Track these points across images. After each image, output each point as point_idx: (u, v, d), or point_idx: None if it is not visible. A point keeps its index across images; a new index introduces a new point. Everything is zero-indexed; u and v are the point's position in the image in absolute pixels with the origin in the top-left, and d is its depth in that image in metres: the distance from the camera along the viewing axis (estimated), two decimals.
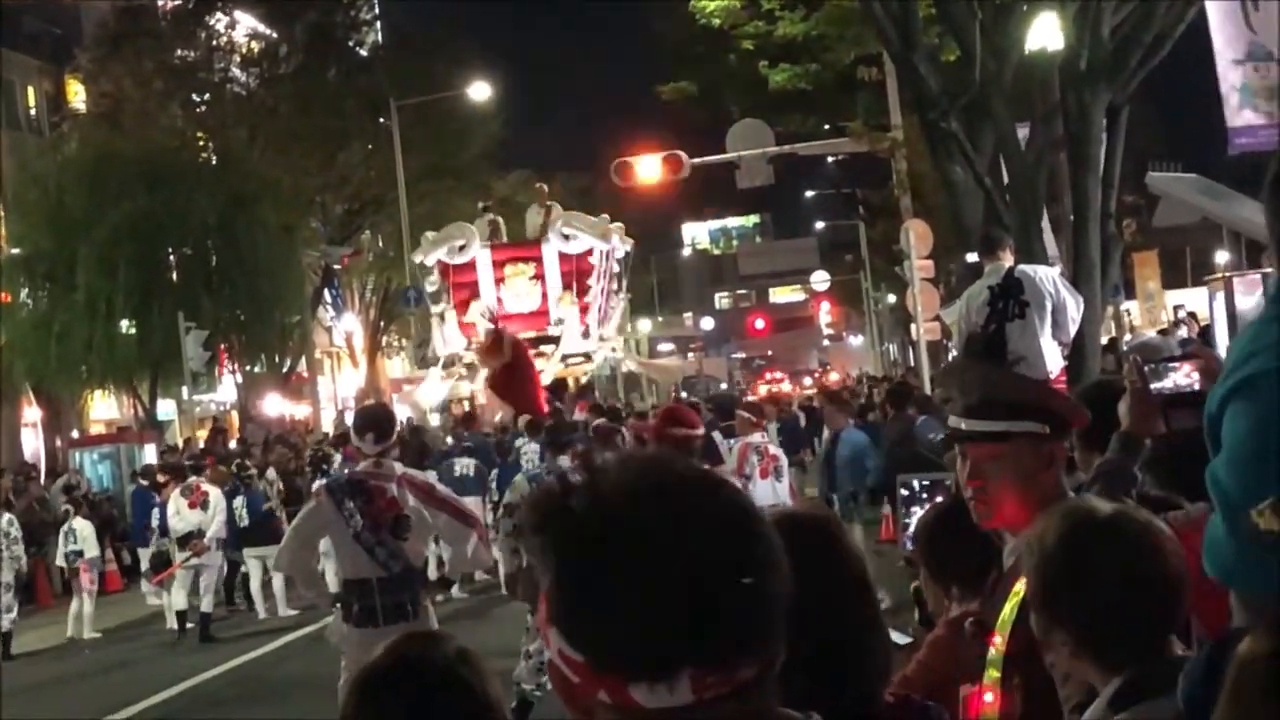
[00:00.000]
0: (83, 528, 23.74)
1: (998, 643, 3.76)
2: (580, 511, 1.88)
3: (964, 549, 5.37)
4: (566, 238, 33.26)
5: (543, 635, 1.95)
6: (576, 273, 33.56)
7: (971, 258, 17.79)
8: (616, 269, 34.76)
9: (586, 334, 33.75)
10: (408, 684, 2.90)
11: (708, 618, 1.82)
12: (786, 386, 67.66)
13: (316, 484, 19.32)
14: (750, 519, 1.93)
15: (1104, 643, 3.08)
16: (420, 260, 35.25)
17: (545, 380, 31.32)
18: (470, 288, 33.83)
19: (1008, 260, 11.59)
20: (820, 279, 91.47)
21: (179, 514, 21.97)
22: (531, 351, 31.63)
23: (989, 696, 3.80)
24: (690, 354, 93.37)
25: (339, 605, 10.65)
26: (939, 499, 7.23)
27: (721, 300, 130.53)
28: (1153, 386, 4.23)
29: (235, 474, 24.31)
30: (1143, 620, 3.05)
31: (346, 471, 10.98)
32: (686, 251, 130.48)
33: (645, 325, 41.57)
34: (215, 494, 22.19)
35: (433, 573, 14.75)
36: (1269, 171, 2.68)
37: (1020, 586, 3.70)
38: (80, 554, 23.30)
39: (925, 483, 8.11)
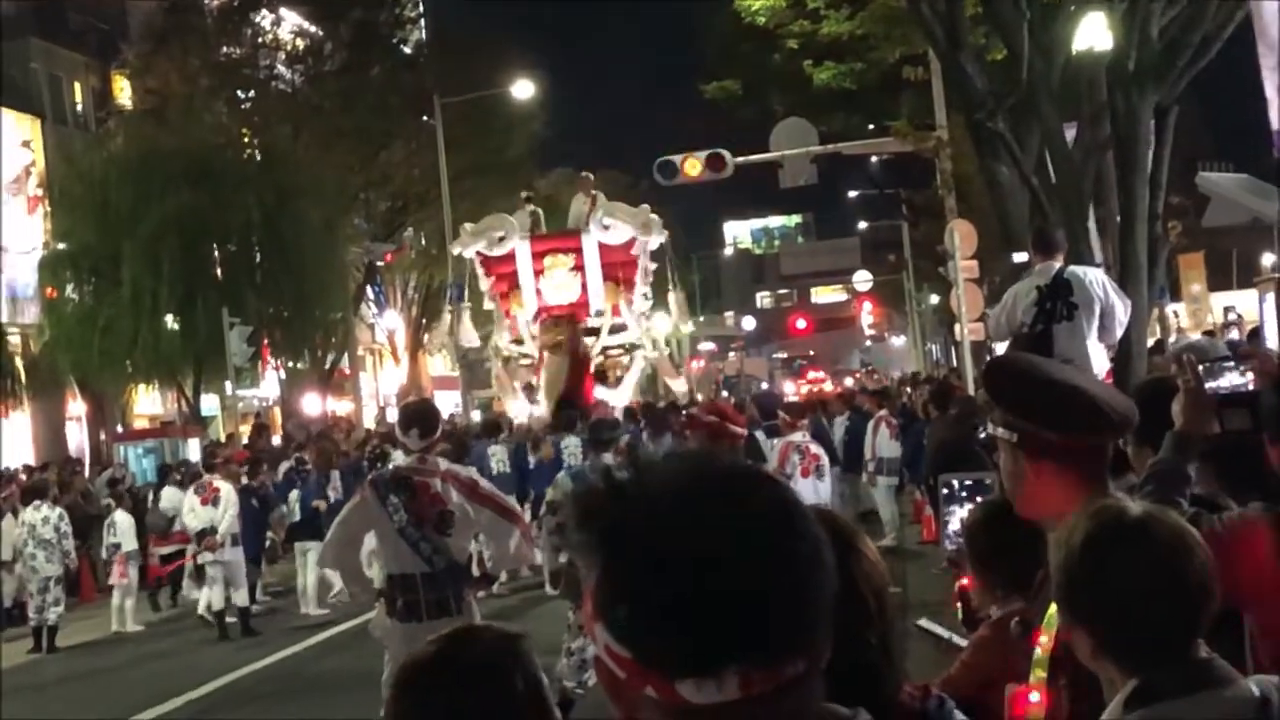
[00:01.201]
0: (122, 521, 23.84)
1: (1043, 642, 3.73)
2: (626, 507, 1.88)
3: (1008, 548, 5.35)
4: (606, 228, 33.11)
5: (588, 630, 1.94)
6: (618, 263, 33.46)
7: (1018, 258, 17.73)
8: (651, 264, 34.65)
9: (624, 326, 33.67)
10: (448, 678, 2.89)
11: (755, 614, 1.81)
12: (828, 386, 67.57)
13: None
14: (797, 516, 1.92)
15: (1123, 644, 3.07)
16: (458, 252, 35.24)
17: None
18: (509, 279, 33.80)
19: (1059, 261, 11.53)
20: (862, 279, 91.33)
21: (192, 511, 22.03)
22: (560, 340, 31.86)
23: (1035, 696, 3.77)
24: (732, 353, 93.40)
25: (382, 600, 10.68)
26: (980, 499, 7.22)
27: (763, 300, 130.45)
28: (1207, 386, 4.19)
29: (294, 468, 24.39)
30: (1164, 624, 3.03)
31: (392, 467, 10.95)
32: (728, 250, 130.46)
33: (687, 324, 41.46)
34: (227, 490, 22.23)
35: (474, 569, 14.76)
36: None
37: None
38: (118, 547, 23.42)
39: (968, 483, 8.08)
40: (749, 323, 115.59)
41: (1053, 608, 3.65)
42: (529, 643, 2.99)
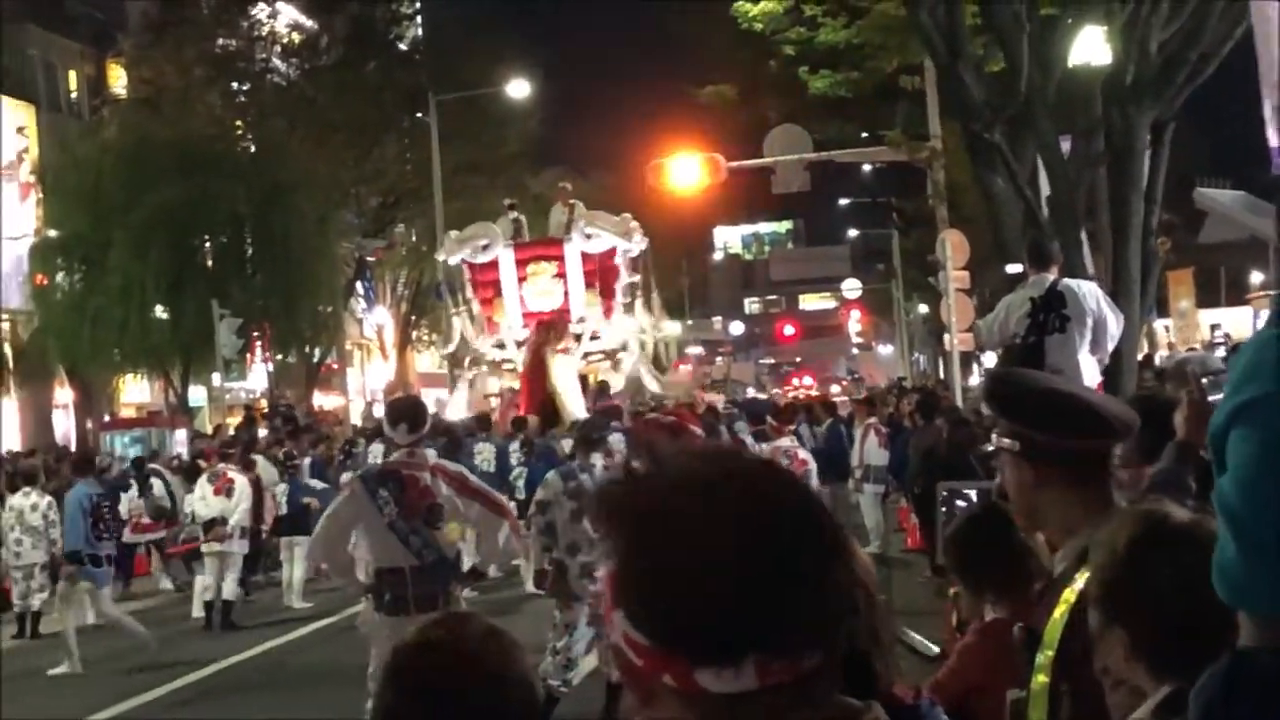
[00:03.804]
0: None
1: (1047, 651, 3.75)
2: (647, 497, 1.90)
3: (996, 555, 5.39)
4: (589, 236, 33.37)
5: (606, 618, 1.96)
6: (599, 271, 33.70)
7: (1012, 269, 17.77)
8: (632, 271, 34.84)
9: (603, 334, 33.86)
10: (433, 664, 2.91)
11: (775, 605, 1.83)
12: (814, 394, 67.58)
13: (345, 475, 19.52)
14: (816, 509, 1.94)
15: (1160, 648, 3.07)
16: (444, 260, 35.48)
17: (569, 377, 31.50)
18: (493, 286, 34.04)
19: (1053, 274, 11.55)
20: (851, 287, 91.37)
21: (204, 499, 21.99)
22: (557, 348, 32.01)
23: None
24: (719, 358, 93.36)
25: (369, 595, 10.69)
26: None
27: (751, 305, 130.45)
28: (1210, 399, 4.23)
29: (282, 462, 24.34)
30: (1203, 630, 3.03)
31: (379, 461, 11.00)
32: (718, 255, 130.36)
33: (674, 328, 41.52)
34: (241, 482, 22.21)
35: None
36: None
37: (1070, 594, 3.69)
38: None
39: (966, 492, 8.09)
40: (737, 328, 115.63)
41: (1057, 614, 3.68)
42: (512, 636, 3.02)
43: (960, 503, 7.87)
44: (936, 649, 6.27)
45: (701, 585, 1.82)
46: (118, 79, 53.01)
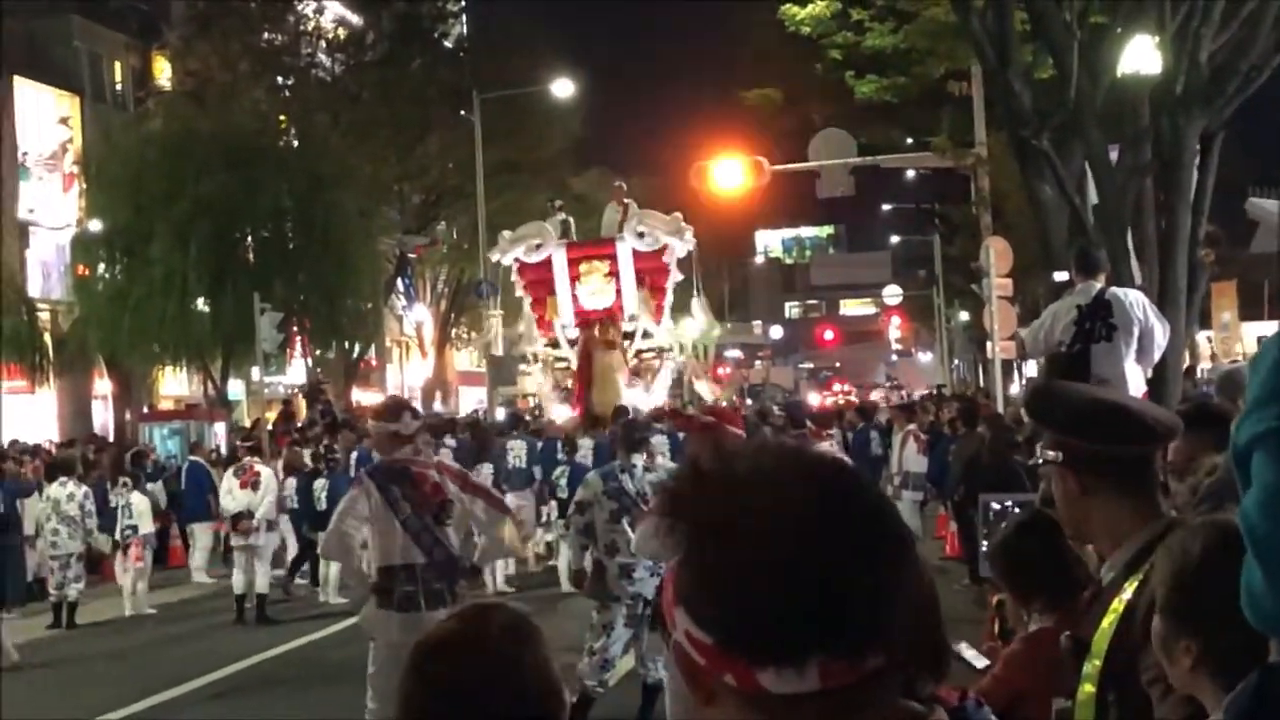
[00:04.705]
0: (139, 502, 23.83)
1: (1095, 660, 3.71)
2: (714, 494, 1.88)
3: (1043, 564, 5.36)
4: (641, 235, 33.54)
5: (668, 616, 1.93)
6: (650, 270, 33.87)
7: (1059, 277, 17.70)
8: (678, 272, 35.12)
9: (653, 331, 34.06)
10: (455, 658, 2.89)
11: (840, 606, 1.81)
12: (853, 399, 67.52)
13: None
14: (884, 509, 1.92)
15: (1229, 660, 3.02)
16: (497, 259, 35.62)
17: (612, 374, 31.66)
18: (546, 285, 34.22)
19: (1101, 282, 11.48)
20: (892, 293, 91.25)
21: (230, 494, 22.09)
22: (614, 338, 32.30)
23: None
24: (758, 362, 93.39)
25: (375, 593, 10.67)
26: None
27: (791, 309, 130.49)
28: None
29: (324, 455, 24.39)
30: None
31: (383, 459, 10.97)
32: (759, 259, 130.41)
33: (714, 329, 41.56)
34: (267, 474, 22.28)
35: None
36: None
37: (1119, 603, 3.66)
38: (134, 529, 23.41)
39: (1008, 504, 8.07)
40: (776, 332, 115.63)
41: (1105, 623, 3.65)
42: (536, 622, 2.98)
43: (1001, 513, 7.85)
44: (985, 662, 6.23)
45: (766, 584, 1.80)
46: (162, 71, 53.32)
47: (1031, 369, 28.86)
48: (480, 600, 2.97)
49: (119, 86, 52.56)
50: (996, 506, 7.85)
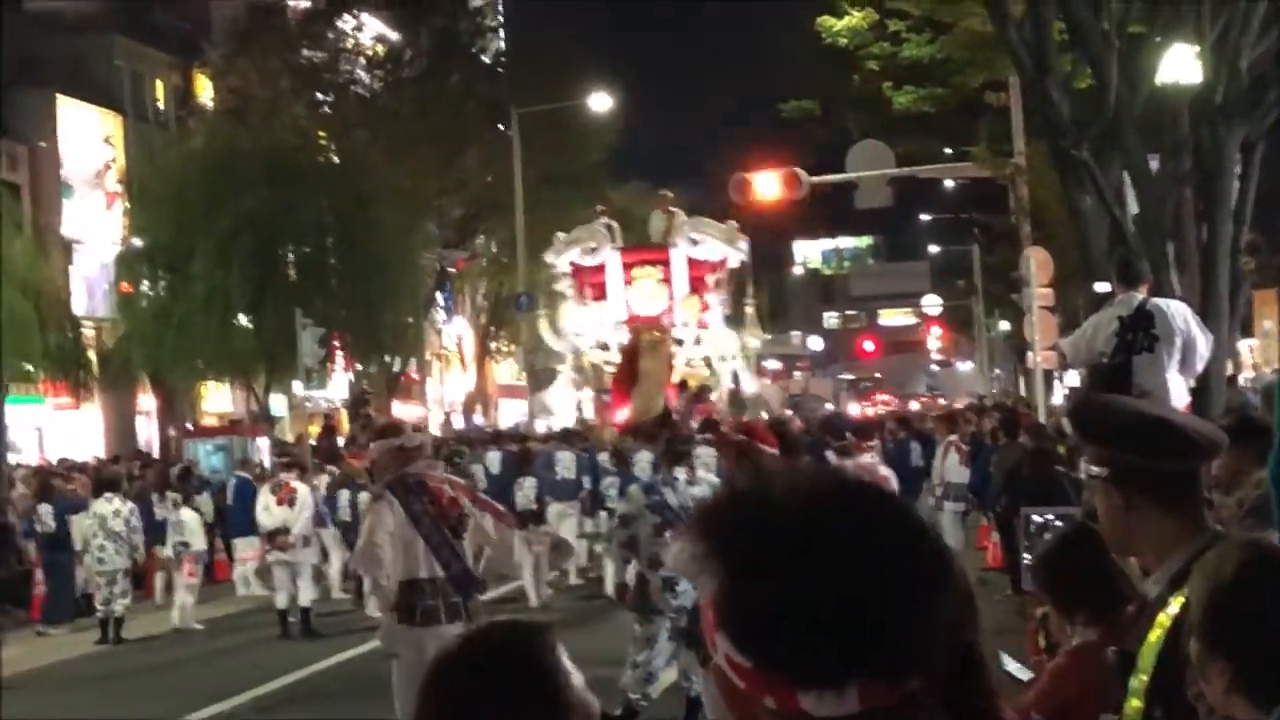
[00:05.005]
0: (189, 519, 23.97)
1: (1142, 675, 3.71)
2: (752, 518, 1.89)
3: (1088, 577, 5.35)
4: (695, 242, 33.73)
5: (708, 640, 1.95)
6: (702, 278, 34.02)
7: (1099, 287, 17.65)
8: (729, 280, 35.26)
9: (705, 339, 34.18)
10: (472, 671, 2.90)
11: (879, 628, 1.81)
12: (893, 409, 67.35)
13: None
14: (923, 532, 1.93)
15: (1263, 681, 3.03)
16: (552, 261, 35.80)
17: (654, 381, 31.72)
18: (599, 289, 34.40)
19: (1142, 293, 11.46)
20: (932, 303, 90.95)
21: (267, 509, 22.13)
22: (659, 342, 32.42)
23: None
24: (797, 373, 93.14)
25: (396, 609, 10.66)
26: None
27: (830, 320, 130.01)
28: None
29: (369, 470, 24.43)
30: None
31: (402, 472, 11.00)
32: (798, 270, 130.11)
33: (754, 342, 41.56)
34: (303, 491, 22.34)
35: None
36: None
37: (1165, 618, 3.66)
38: (186, 545, 23.52)
39: (1049, 518, 8.05)
40: (816, 343, 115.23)
41: (1152, 638, 3.65)
42: (549, 633, 2.98)
43: (1042, 525, 7.83)
44: (1028, 674, 6.23)
45: (804, 608, 1.81)
46: (204, 89, 53.55)
47: (1073, 379, 28.74)
48: (498, 619, 2.96)
49: (161, 105, 52.82)
50: (1038, 519, 7.81)
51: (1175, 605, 3.64)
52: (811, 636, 1.81)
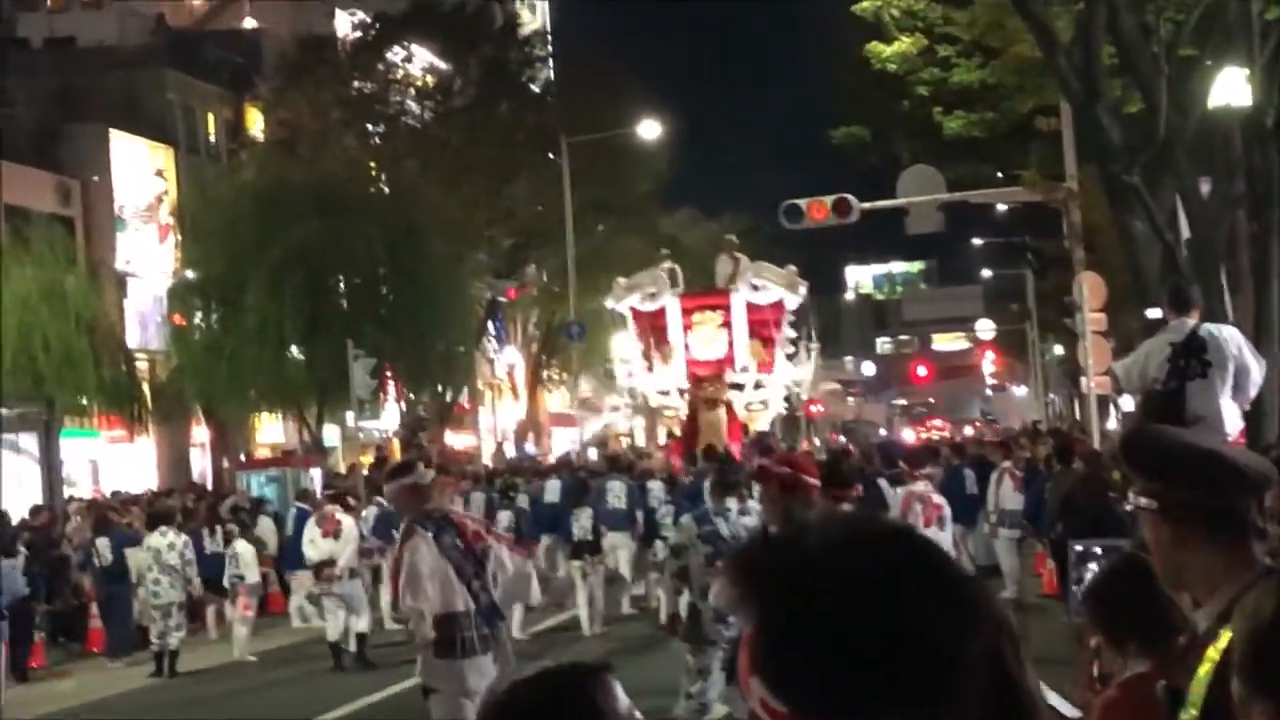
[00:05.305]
0: (245, 551, 24.05)
1: (1191, 710, 3.66)
2: (785, 563, 1.89)
3: (1138, 608, 5.29)
4: (756, 288, 33.89)
5: (743, 684, 1.94)
6: (763, 322, 34.15)
7: (1151, 313, 17.57)
8: (791, 323, 35.48)
9: (766, 383, 34.32)
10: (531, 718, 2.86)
11: (915, 670, 1.81)
12: (946, 434, 67.18)
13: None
14: (954, 575, 1.93)
15: None
16: (612, 306, 35.95)
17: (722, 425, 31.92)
18: (659, 333, 34.54)
19: (1194, 319, 11.39)
20: (985, 328, 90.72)
21: (313, 542, 22.21)
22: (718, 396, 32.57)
23: None
24: (850, 399, 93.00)
25: (434, 644, 10.74)
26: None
27: (883, 345, 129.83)
28: None
29: None
30: None
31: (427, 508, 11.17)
32: (849, 295, 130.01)
33: (819, 383, 41.81)
34: (349, 523, 22.41)
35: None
36: None
37: (1214, 651, 3.61)
38: (241, 578, 23.60)
39: (1097, 549, 7.98)
40: (868, 368, 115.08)
41: (1201, 673, 3.60)
42: (607, 674, 2.93)
43: (1088, 554, 7.78)
44: (1075, 712, 6.17)
45: (839, 653, 1.81)
46: (254, 122, 53.91)
47: (1128, 403, 28.61)
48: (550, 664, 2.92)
49: (212, 138, 53.25)
50: (1085, 550, 7.76)
51: (1224, 640, 3.60)
52: (845, 681, 1.80)
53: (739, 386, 33.59)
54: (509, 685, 2.96)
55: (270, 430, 49.07)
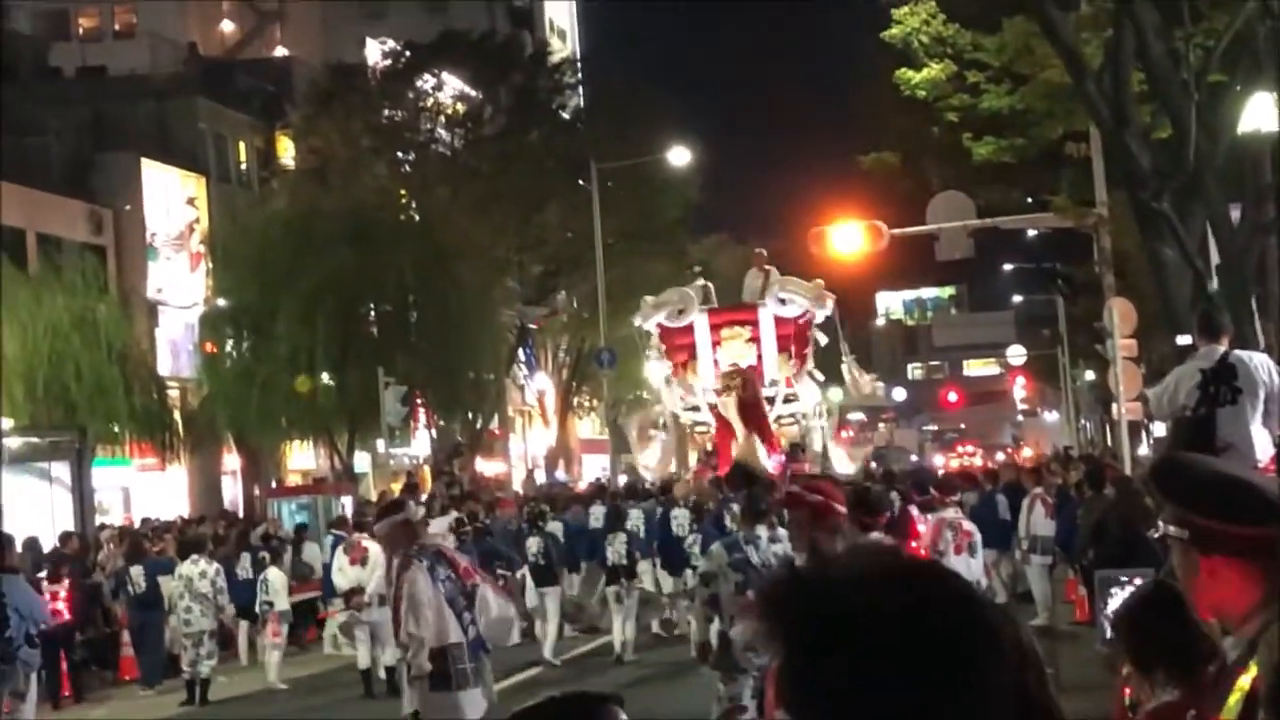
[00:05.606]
0: (275, 579, 24.05)
1: None
2: (812, 600, 1.91)
3: (1167, 636, 5.29)
4: (783, 302, 33.85)
5: (769, 717, 1.96)
6: (792, 335, 34.11)
7: (1182, 340, 17.54)
8: (822, 336, 35.45)
9: (796, 396, 34.28)
10: None
11: (940, 704, 1.83)
12: (977, 461, 66.98)
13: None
14: (979, 611, 1.94)
15: None
16: (639, 324, 35.94)
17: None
18: (688, 350, 34.52)
19: (1224, 345, 11.36)
20: (1016, 353, 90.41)
21: (340, 570, 22.23)
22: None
23: None
24: (881, 424, 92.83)
25: (430, 677, 11.00)
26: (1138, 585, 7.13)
27: (914, 371, 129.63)
28: None
29: (456, 528, 24.49)
30: None
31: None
32: (880, 321, 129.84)
33: (836, 394, 41.54)
34: (375, 551, 22.33)
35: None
36: None
37: (1245, 681, 3.61)
38: (271, 605, 23.60)
39: (1124, 578, 7.97)
40: (899, 394, 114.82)
41: (1231, 701, 3.60)
42: (614, 704, 2.93)
43: (1113, 580, 7.77)
44: None
45: (866, 689, 1.83)
46: (285, 150, 54.09)
47: (1160, 430, 28.53)
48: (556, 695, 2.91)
49: (243, 166, 53.47)
50: (1107, 574, 7.75)
51: (1254, 669, 3.60)
52: (871, 717, 1.82)
53: (769, 400, 33.57)
54: (515, 714, 2.97)
55: (301, 457, 49.15)
